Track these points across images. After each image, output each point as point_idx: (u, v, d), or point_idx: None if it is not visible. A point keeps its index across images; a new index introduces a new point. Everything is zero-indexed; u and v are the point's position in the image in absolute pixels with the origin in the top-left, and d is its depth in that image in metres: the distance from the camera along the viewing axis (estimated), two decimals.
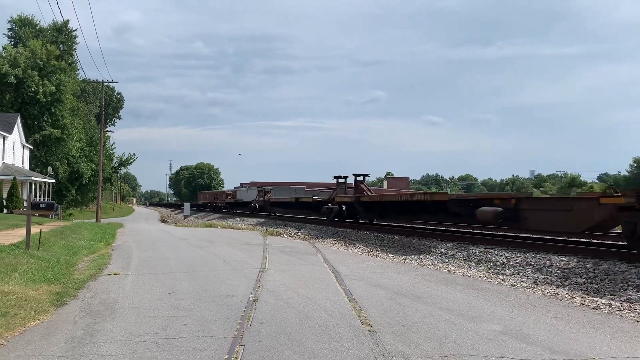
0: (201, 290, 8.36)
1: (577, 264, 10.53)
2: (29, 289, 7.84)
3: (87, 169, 57.83)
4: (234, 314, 6.62)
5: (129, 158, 69.07)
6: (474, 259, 12.63)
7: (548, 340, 5.56)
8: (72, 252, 13.90)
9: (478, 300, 7.73)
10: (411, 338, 5.59)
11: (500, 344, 5.39)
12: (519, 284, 9.65)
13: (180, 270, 10.54)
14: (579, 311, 7.19)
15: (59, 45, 56.99)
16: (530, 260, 11.51)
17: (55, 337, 5.59)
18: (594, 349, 5.29)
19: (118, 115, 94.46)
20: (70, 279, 9.40)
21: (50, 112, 49.24)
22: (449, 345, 5.33)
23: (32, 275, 9.21)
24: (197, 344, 5.29)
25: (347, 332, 5.83)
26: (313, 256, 13.41)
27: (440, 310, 6.97)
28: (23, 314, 6.41)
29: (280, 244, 16.77)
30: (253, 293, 8.06)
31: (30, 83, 46.96)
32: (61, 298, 7.66)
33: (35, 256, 11.50)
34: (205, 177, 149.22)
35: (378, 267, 11.59)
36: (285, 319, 6.40)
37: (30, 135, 48.42)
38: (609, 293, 8.54)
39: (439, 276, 10.30)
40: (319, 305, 7.18)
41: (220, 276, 9.78)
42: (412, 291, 8.43)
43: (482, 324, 6.27)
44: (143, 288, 8.54)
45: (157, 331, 5.81)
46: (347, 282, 9.13)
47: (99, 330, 5.88)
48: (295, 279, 9.54)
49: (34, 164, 50.15)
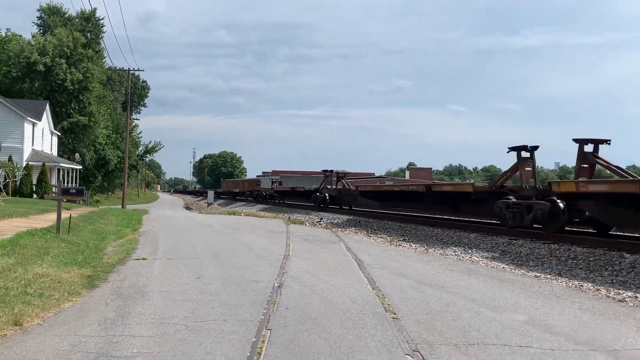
0: (227, 275, 8.52)
1: (602, 256, 10.43)
2: (61, 272, 8.09)
3: (113, 155, 58.83)
4: (260, 299, 6.76)
5: (154, 146, 70.13)
6: (497, 250, 12.59)
7: (572, 331, 5.57)
8: (101, 237, 14.23)
9: (501, 291, 7.74)
10: (435, 326, 5.65)
11: (524, 334, 5.41)
12: (543, 275, 9.62)
13: (206, 256, 10.73)
14: (604, 303, 7.15)
15: (87, 33, 57.89)
16: (554, 251, 11.43)
17: (89, 318, 5.79)
18: (618, 340, 5.29)
19: (143, 103, 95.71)
20: (100, 263, 9.65)
21: (77, 99, 50.11)
22: (472, 334, 5.38)
23: (64, 258, 9.48)
24: (225, 327, 5.43)
25: (371, 318, 5.91)
26: (336, 245, 13.51)
27: (464, 300, 7.00)
28: (57, 296, 6.64)
29: (303, 232, 16.91)
30: (278, 279, 8.19)
31: (58, 71, 47.81)
32: (92, 281, 7.89)
33: (66, 240, 11.82)
34: (228, 165, 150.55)
35: (401, 256, 11.64)
36: (310, 305, 6.51)
37: (59, 123, 49.38)
38: (634, 286, 8.47)
39: (462, 266, 10.31)
40: (342, 292, 7.27)
41: (246, 262, 9.95)
42: (435, 280, 8.47)
43: (506, 313, 6.30)
44: (171, 272, 8.74)
45: (186, 314, 5.97)
46: (369, 271, 9.21)
47: (130, 312, 6.07)
48: (318, 266, 9.66)
49: (61, 150, 51.17)
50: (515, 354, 4.74)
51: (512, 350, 4.85)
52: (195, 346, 4.80)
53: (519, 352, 4.80)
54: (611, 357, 4.73)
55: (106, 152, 57.73)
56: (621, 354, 4.85)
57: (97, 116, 53.16)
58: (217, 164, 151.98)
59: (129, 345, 4.82)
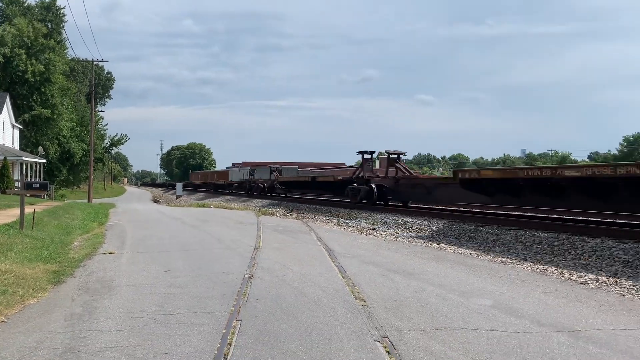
0: (197, 268, 8.47)
1: (565, 241, 10.73)
2: (25, 268, 7.91)
3: (78, 149, 57.55)
4: (230, 291, 6.74)
5: (120, 138, 68.83)
6: (464, 237, 12.82)
7: (537, 314, 5.73)
8: (66, 231, 13.95)
9: (468, 276, 7.89)
10: (403, 312, 5.74)
11: (490, 318, 5.54)
12: (508, 260, 9.84)
13: (175, 249, 10.64)
14: (567, 286, 7.37)
15: (47, 23, 56.30)
16: (520, 237, 11.70)
17: (55, 314, 5.69)
18: (580, 321, 5.46)
19: (108, 94, 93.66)
20: (66, 258, 9.47)
21: (39, 91, 48.78)
22: (440, 319, 5.48)
23: (28, 254, 9.27)
24: (195, 320, 5.41)
25: (341, 307, 5.96)
26: (306, 235, 13.54)
27: (432, 286, 7.12)
28: (21, 292, 6.49)
29: (273, 223, 16.89)
30: (248, 270, 8.18)
31: (18, 62, 46.43)
32: (58, 276, 7.74)
33: (30, 236, 11.55)
34: (197, 157, 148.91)
35: (370, 245, 11.74)
36: (281, 295, 6.52)
37: (20, 115, 48.02)
38: (596, 269, 8.74)
39: (431, 253, 10.46)
40: (313, 282, 7.31)
41: (215, 255, 9.89)
42: (404, 268, 8.58)
43: (473, 298, 6.43)
44: (139, 266, 8.63)
45: (154, 308, 5.92)
46: (340, 260, 9.27)
47: (97, 307, 5.98)
48: (289, 257, 9.67)
49: (24, 144, 49.80)
50: (482, 338, 4.85)
51: (478, 334, 4.96)
52: (165, 339, 4.77)
53: (485, 336, 4.91)
54: (572, 338, 4.88)
55: (71, 145, 56.40)
56: (582, 334, 5.01)
57: (61, 108, 51.87)
58: (185, 156, 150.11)
59: (97, 340, 4.76)
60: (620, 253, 9.27)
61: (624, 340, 4.84)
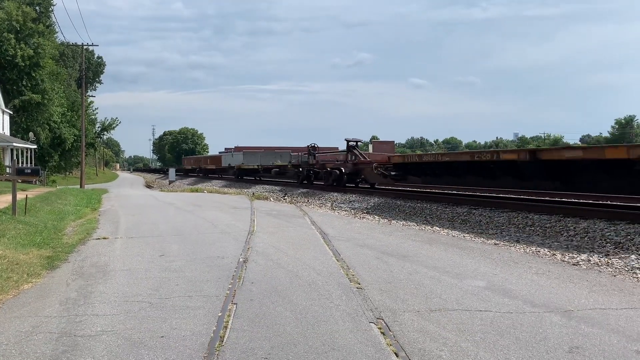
0: (191, 252, 8.48)
1: (557, 222, 10.81)
2: (19, 253, 7.89)
3: (70, 134, 57.02)
4: (225, 275, 6.76)
5: (111, 123, 68.18)
6: (458, 219, 12.89)
7: (529, 295, 5.78)
8: (59, 217, 13.90)
9: (462, 258, 7.95)
10: (398, 294, 5.78)
11: (484, 299, 5.59)
12: (501, 242, 9.91)
13: (169, 234, 10.63)
14: (559, 267, 7.44)
15: (35, 7, 55.43)
16: (513, 219, 11.78)
17: (50, 299, 5.69)
18: (572, 301, 5.52)
19: (99, 79, 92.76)
20: (60, 244, 9.45)
21: (29, 76, 48.13)
22: (434, 300, 5.53)
23: (21, 240, 9.24)
24: (190, 303, 5.43)
25: (336, 289, 5.99)
26: (300, 219, 13.56)
27: (426, 268, 7.17)
28: (16, 278, 6.48)
29: (267, 208, 16.89)
30: (243, 254, 8.19)
31: (7, 47, 45.73)
32: (52, 262, 7.73)
33: (23, 221, 11.50)
34: (189, 142, 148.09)
35: (364, 228, 11.78)
36: (276, 278, 6.55)
37: (10, 101, 47.47)
38: (588, 250, 8.82)
39: (424, 236, 10.52)
40: (308, 265, 7.34)
41: (210, 239, 9.90)
42: (398, 250, 8.62)
43: (466, 280, 6.48)
44: (133, 251, 8.63)
45: (150, 292, 5.93)
46: (334, 243, 9.30)
47: (92, 292, 5.98)
48: (283, 240, 9.69)
49: (14, 129, 49.31)
50: (475, 318, 4.90)
51: (472, 315, 5.01)
52: (160, 322, 4.79)
53: (479, 317, 4.96)
54: (565, 318, 4.94)
55: (62, 131, 55.86)
56: (574, 314, 5.07)
57: (51, 93, 51.26)
58: (177, 141, 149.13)
59: (93, 324, 4.76)
60: (612, 234, 9.35)
61: (615, 319, 4.91)
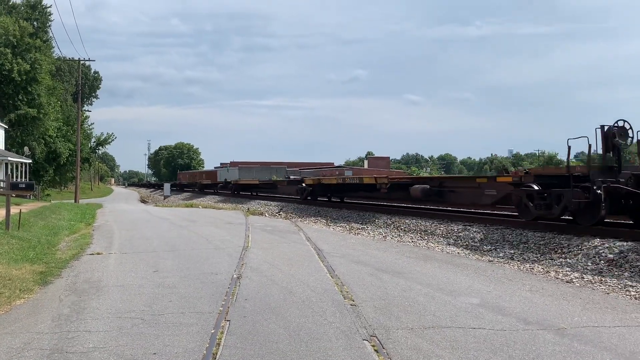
0: (185, 268, 8.45)
1: (552, 240, 10.83)
2: (12, 269, 7.85)
3: (65, 148, 56.91)
4: (218, 291, 6.74)
5: (107, 138, 68.15)
6: (452, 236, 12.90)
7: (523, 312, 5.79)
8: (53, 232, 13.84)
9: (456, 275, 7.95)
10: (392, 311, 5.77)
11: (478, 316, 5.60)
12: (496, 259, 9.92)
13: (163, 250, 10.60)
14: (553, 284, 7.45)
15: (33, 22, 55.68)
16: (507, 236, 11.80)
17: (42, 315, 5.66)
18: (565, 319, 5.53)
19: (95, 94, 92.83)
20: (53, 259, 9.41)
21: (25, 91, 48.20)
22: (428, 318, 5.53)
23: (14, 255, 9.19)
24: (184, 320, 5.41)
25: (330, 306, 5.98)
26: (295, 235, 13.55)
27: (420, 285, 7.17)
28: (8, 293, 6.45)
29: (262, 223, 16.87)
30: (237, 271, 8.17)
31: (3, 61, 45.86)
32: (45, 277, 7.69)
33: (16, 236, 11.45)
34: (184, 157, 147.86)
35: (359, 244, 11.78)
36: (270, 295, 6.53)
37: (5, 115, 47.46)
38: (582, 267, 8.84)
39: (419, 252, 10.52)
40: (302, 282, 7.32)
41: (204, 255, 9.87)
42: (393, 267, 8.62)
43: (460, 297, 6.48)
44: (127, 267, 8.60)
45: (143, 308, 5.90)
46: (329, 259, 9.29)
47: (85, 307, 5.95)
48: (278, 256, 9.68)
49: (9, 144, 49.20)
50: (469, 336, 4.90)
51: (465, 332, 5.01)
52: (153, 339, 4.76)
53: (472, 334, 4.96)
54: (558, 336, 4.95)
55: (57, 145, 55.75)
56: (567, 331, 5.08)
57: (47, 108, 51.28)
58: (173, 156, 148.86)
59: (85, 340, 4.74)
60: (606, 252, 9.38)
61: (608, 337, 4.92)
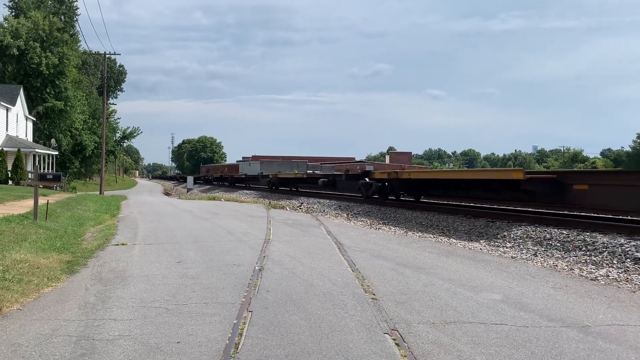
0: (208, 259, 8.55)
1: (576, 237, 10.68)
2: (39, 258, 8.03)
3: (90, 141, 57.96)
4: (240, 282, 6.81)
5: (133, 131, 69.24)
6: (475, 232, 12.80)
7: (546, 309, 5.74)
8: (79, 223, 14.10)
9: (478, 271, 7.90)
10: (413, 306, 5.77)
11: (500, 312, 5.56)
12: (519, 256, 9.82)
13: (187, 241, 10.73)
14: (577, 282, 7.36)
15: (61, 16, 56.60)
16: (530, 233, 11.66)
17: (69, 303, 5.79)
18: (590, 317, 5.46)
19: (120, 87, 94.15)
20: (79, 249, 9.60)
21: (53, 84, 49.17)
22: (449, 313, 5.51)
23: (42, 244, 9.40)
24: (207, 310, 5.48)
25: (351, 299, 6.01)
26: (316, 228, 13.59)
27: (442, 280, 7.14)
28: (36, 281, 6.60)
29: (283, 217, 16.96)
30: (258, 263, 8.25)
31: (32, 55, 46.80)
32: (72, 266, 7.85)
33: (44, 226, 11.70)
34: (207, 150, 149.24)
35: (380, 239, 11.77)
36: (291, 287, 6.58)
37: (34, 108, 48.47)
38: (607, 265, 8.71)
39: (441, 248, 10.47)
40: (323, 275, 7.36)
41: (226, 247, 9.97)
42: (414, 262, 8.60)
43: (482, 293, 6.45)
44: (151, 257, 8.73)
45: (167, 298, 6.00)
46: (350, 253, 9.31)
47: (110, 296, 6.07)
48: (299, 249, 9.73)
49: (37, 136, 50.27)
50: (491, 332, 4.88)
51: (487, 328, 4.98)
52: (177, 328, 4.84)
53: (494, 330, 4.94)
54: (582, 333, 4.89)
55: (83, 138, 56.80)
56: (592, 329, 5.02)
57: (74, 101, 52.25)
58: (196, 149, 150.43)
59: (110, 328, 4.84)
60: (632, 249, 9.21)
61: (634, 336, 4.84)
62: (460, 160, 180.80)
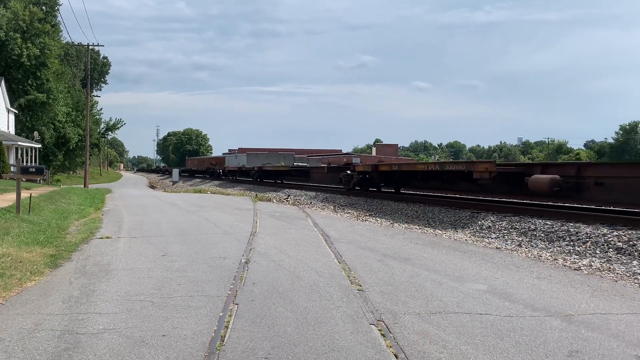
0: (194, 252, 8.51)
1: (560, 227, 10.80)
2: (22, 252, 7.94)
3: (74, 134, 57.25)
4: (226, 275, 6.79)
5: (116, 123, 68.54)
6: (460, 223, 12.88)
7: (530, 299, 5.79)
8: (63, 216, 13.96)
9: (463, 262, 7.96)
10: (399, 296, 5.80)
11: (485, 302, 5.61)
12: (504, 246, 9.91)
13: (172, 234, 10.67)
14: (561, 272, 7.44)
15: (42, 6, 55.66)
16: (515, 224, 11.77)
17: (53, 297, 5.73)
18: (573, 306, 5.53)
19: (104, 79, 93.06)
20: (63, 242, 9.50)
21: (35, 75, 48.41)
22: (435, 303, 5.54)
23: (25, 238, 9.29)
24: (192, 303, 5.46)
25: (337, 291, 6.02)
26: (303, 221, 13.59)
27: (427, 271, 7.18)
28: (19, 275, 6.53)
29: (270, 209, 16.93)
30: (245, 255, 8.22)
31: (13, 46, 46.00)
32: (55, 260, 7.77)
33: (27, 220, 11.56)
34: (193, 142, 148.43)
35: (367, 231, 11.80)
36: (277, 279, 6.57)
37: (15, 100, 47.72)
38: (590, 255, 8.82)
39: (426, 239, 10.53)
40: (309, 267, 7.36)
41: (212, 239, 9.93)
42: (400, 253, 8.64)
43: (467, 283, 6.49)
44: (136, 250, 8.67)
45: (152, 291, 5.96)
46: (336, 245, 9.32)
47: (94, 290, 6.02)
48: (286, 242, 9.72)
49: (19, 128, 49.56)
50: (476, 321, 4.92)
51: (472, 318, 5.02)
52: (162, 321, 4.82)
53: (479, 320, 4.98)
54: (565, 322, 4.95)
55: (66, 130, 56.08)
56: (575, 318, 5.08)
57: (56, 93, 51.49)
58: (181, 142, 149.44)
59: (95, 322, 4.80)
60: (614, 240, 9.34)
61: (616, 324, 4.91)
62: (446, 152, 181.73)
